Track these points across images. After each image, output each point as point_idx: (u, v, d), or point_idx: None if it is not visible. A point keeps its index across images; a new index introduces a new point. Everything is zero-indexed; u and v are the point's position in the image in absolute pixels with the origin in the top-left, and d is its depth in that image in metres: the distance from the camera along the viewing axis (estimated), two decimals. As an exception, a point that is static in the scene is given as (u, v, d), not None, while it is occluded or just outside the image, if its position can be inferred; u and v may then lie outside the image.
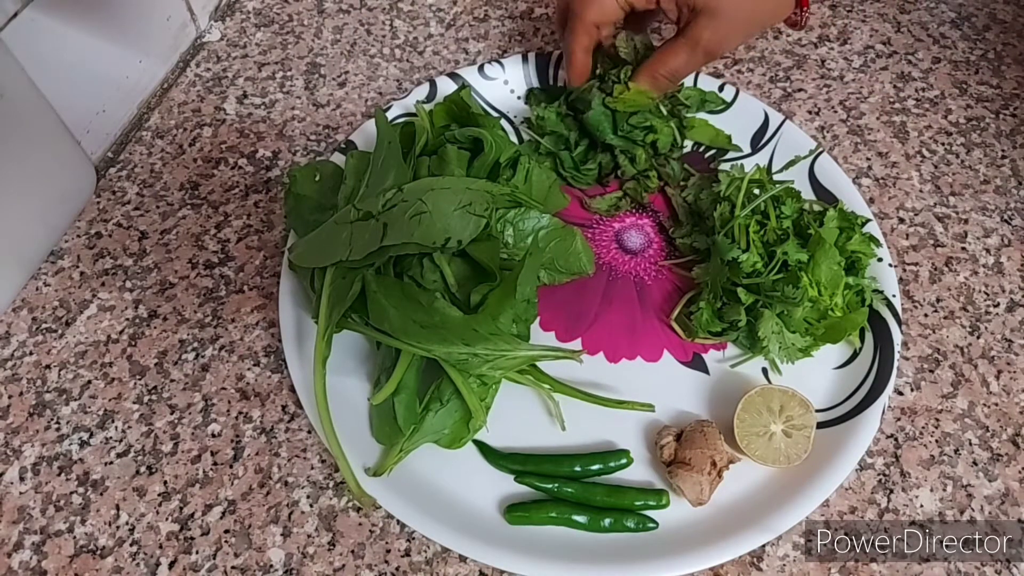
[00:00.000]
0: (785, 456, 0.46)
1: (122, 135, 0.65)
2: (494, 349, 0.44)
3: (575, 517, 0.45)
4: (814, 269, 0.49)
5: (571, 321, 0.54)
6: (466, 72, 0.65)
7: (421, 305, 0.45)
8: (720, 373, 0.52)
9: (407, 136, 0.53)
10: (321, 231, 0.49)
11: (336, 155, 0.59)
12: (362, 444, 0.48)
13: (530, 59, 0.66)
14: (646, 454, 0.49)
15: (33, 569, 0.44)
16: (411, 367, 0.47)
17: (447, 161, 0.51)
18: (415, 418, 0.46)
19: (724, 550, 0.43)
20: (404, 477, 0.46)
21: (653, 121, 0.58)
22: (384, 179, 0.49)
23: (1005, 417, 0.51)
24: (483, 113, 0.57)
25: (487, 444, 0.48)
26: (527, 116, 0.64)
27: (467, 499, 0.47)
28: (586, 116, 0.58)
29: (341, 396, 0.48)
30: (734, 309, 0.50)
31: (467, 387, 0.46)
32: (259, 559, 0.45)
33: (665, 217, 0.60)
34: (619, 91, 0.57)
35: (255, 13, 0.75)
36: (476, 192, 0.47)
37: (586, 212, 0.60)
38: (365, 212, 0.47)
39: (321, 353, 0.46)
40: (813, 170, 0.60)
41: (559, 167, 0.60)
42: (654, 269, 0.57)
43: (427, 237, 0.45)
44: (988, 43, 0.73)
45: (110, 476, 0.47)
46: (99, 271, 0.56)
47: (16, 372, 0.51)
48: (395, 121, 0.59)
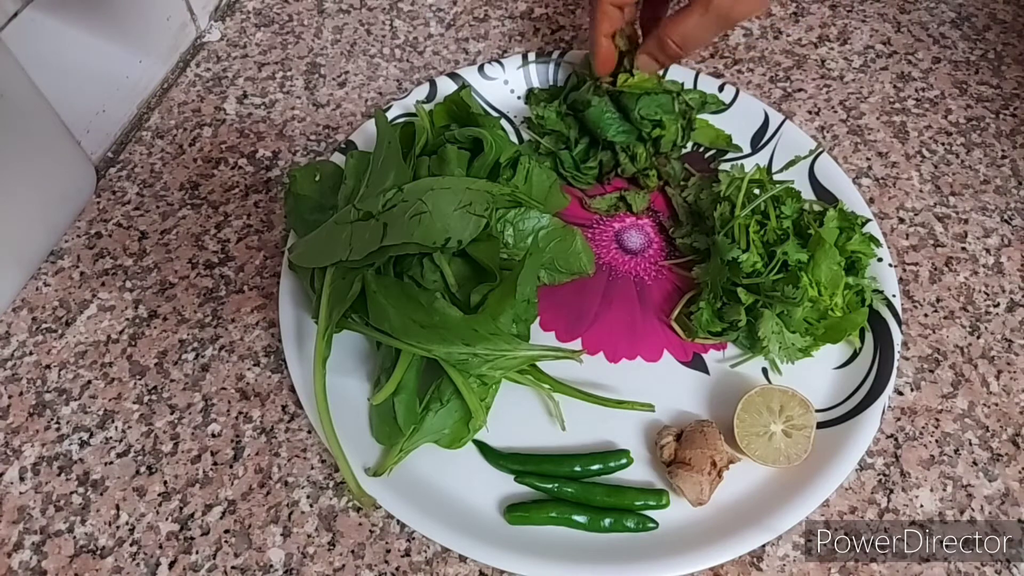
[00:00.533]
0: (785, 456, 0.46)
1: (122, 135, 0.65)
2: (494, 349, 0.44)
3: (575, 517, 0.45)
4: (814, 269, 0.49)
5: (571, 321, 0.54)
6: (466, 72, 0.65)
7: (421, 305, 0.45)
8: (720, 373, 0.52)
9: (407, 136, 0.53)
10: (321, 231, 0.49)
11: (336, 155, 0.59)
12: (362, 444, 0.48)
13: (530, 59, 0.66)
14: (646, 454, 0.49)
15: (33, 569, 0.44)
16: (411, 367, 0.47)
17: (447, 161, 0.51)
18: (415, 418, 0.46)
19: (724, 550, 0.43)
20: (404, 477, 0.46)
21: (664, 116, 0.58)
22: (384, 179, 0.49)
23: (1005, 417, 0.51)
24: (483, 113, 0.57)
25: (487, 444, 0.48)
26: (527, 116, 0.64)
27: (467, 499, 0.47)
28: (586, 113, 0.58)
29: (341, 396, 0.48)
30: (734, 309, 0.50)
31: (467, 387, 0.46)
32: (259, 559, 0.45)
33: (665, 217, 0.60)
34: (623, 78, 0.57)
35: (255, 13, 0.75)
36: (476, 192, 0.47)
37: (586, 212, 0.60)
38: (365, 212, 0.47)
39: (321, 353, 0.46)
40: (813, 170, 0.60)
41: (559, 167, 0.61)
42: (654, 269, 0.57)
43: (427, 237, 0.45)
44: (988, 43, 0.73)
45: (110, 476, 0.47)
46: (99, 271, 0.56)
47: (16, 372, 0.51)
48: (395, 121, 0.59)
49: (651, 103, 0.58)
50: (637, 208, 0.59)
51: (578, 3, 0.76)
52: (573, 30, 0.74)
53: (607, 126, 0.58)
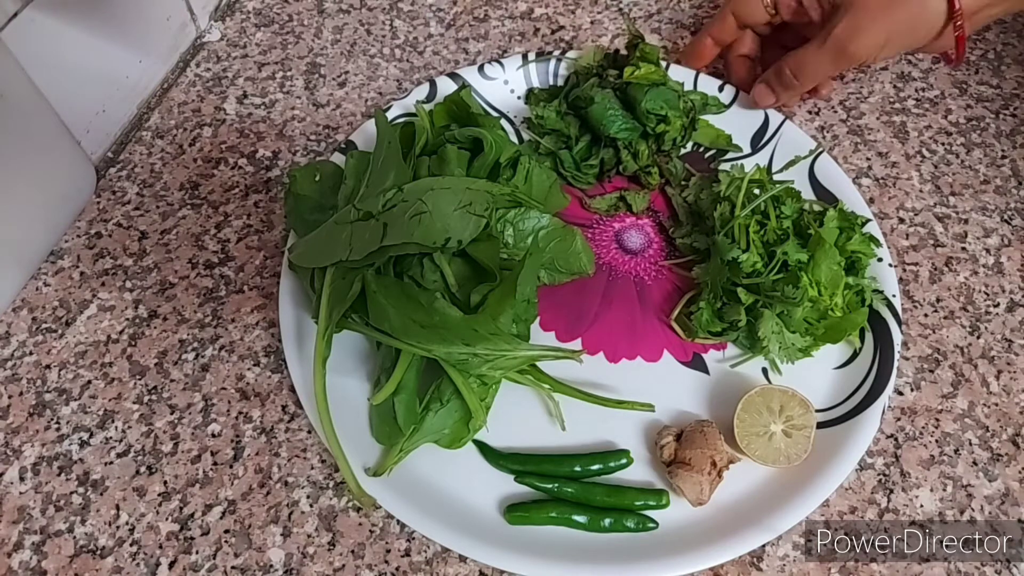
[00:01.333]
0: (785, 456, 0.46)
1: (122, 135, 0.65)
2: (494, 349, 0.44)
3: (575, 517, 0.45)
4: (814, 269, 0.49)
5: (571, 321, 0.54)
6: (466, 72, 0.65)
7: (421, 305, 0.45)
8: (720, 373, 0.52)
9: (407, 136, 0.53)
10: (321, 231, 0.49)
11: (336, 155, 0.59)
12: (362, 444, 0.48)
13: (530, 59, 0.66)
14: (646, 454, 0.49)
15: (33, 569, 0.44)
16: (411, 367, 0.47)
17: (447, 161, 0.51)
18: (415, 418, 0.46)
19: (724, 550, 0.43)
20: (404, 477, 0.46)
21: (669, 112, 0.58)
22: (384, 179, 0.49)
23: (1005, 417, 0.51)
24: (483, 113, 0.57)
25: (487, 444, 0.48)
26: (527, 116, 0.64)
27: (467, 499, 0.47)
28: (590, 110, 0.58)
29: (341, 396, 0.48)
30: (734, 309, 0.50)
31: (467, 387, 0.46)
32: (259, 559, 0.45)
33: (665, 217, 0.60)
34: (630, 70, 0.58)
35: (255, 13, 0.75)
36: (476, 192, 0.46)
37: (586, 212, 0.60)
38: (365, 212, 0.47)
39: (321, 353, 0.46)
40: (813, 170, 0.60)
41: (559, 167, 0.61)
42: (654, 269, 0.57)
43: (427, 237, 0.45)
44: (988, 43, 0.73)
45: (110, 476, 0.47)
46: (99, 271, 0.56)
47: (16, 372, 0.51)
48: (395, 121, 0.59)
49: (658, 96, 0.58)
50: (637, 208, 0.59)
51: (578, 3, 0.76)
52: (573, 30, 0.74)
53: (610, 122, 0.58)
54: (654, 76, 0.59)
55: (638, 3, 0.76)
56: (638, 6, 0.76)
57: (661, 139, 0.59)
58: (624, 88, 0.59)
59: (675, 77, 0.63)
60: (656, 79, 0.59)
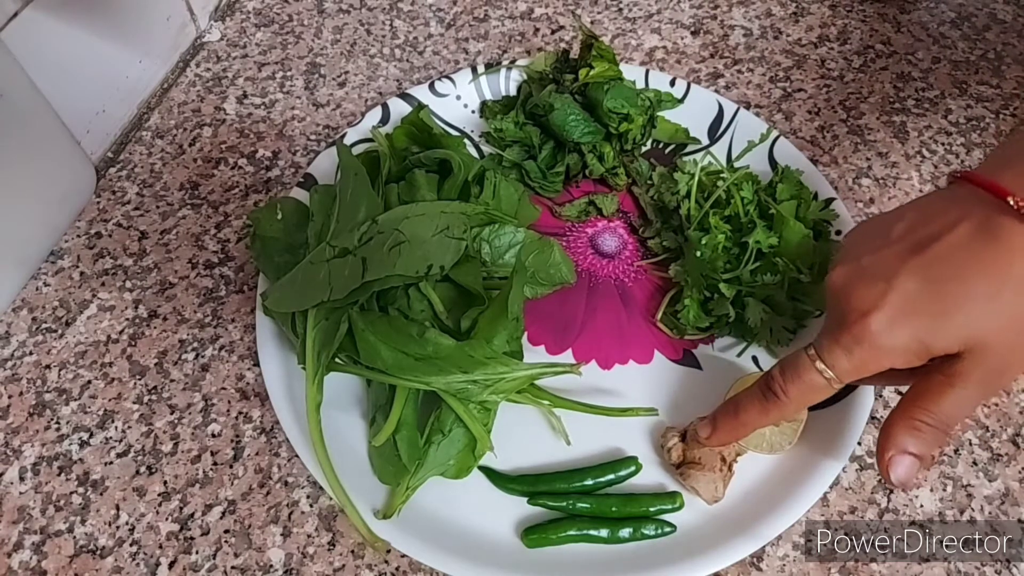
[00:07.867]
0: (768, 443, 0.46)
1: (122, 135, 0.65)
2: (492, 373, 0.43)
3: (594, 532, 0.44)
4: (785, 248, 0.50)
5: (559, 332, 0.54)
6: (416, 91, 0.64)
7: (412, 337, 0.43)
8: (713, 366, 0.52)
9: (371, 163, 0.52)
10: (296, 273, 0.47)
11: (296, 190, 0.57)
12: (364, 485, 0.46)
13: (480, 71, 0.65)
14: (653, 456, 0.48)
15: (33, 569, 0.44)
16: (408, 401, 0.45)
17: (417, 187, 0.49)
18: (419, 453, 0.45)
19: (746, 543, 0.43)
20: (414, 515, 0.45)
21: (630, 109, 0.58)
22: (355, 212, 0.47)
23: (1005, 417, 0.51)
24: (444, 133, 0.56)
25: (494, 469, 0.47)
26: (485, 131, 0.63)
27: (482, 528, 0.45)
28: (550, 117, 0.58)
29: (335, 434, 0.46)
30: (720, 303, 0.51)
31: (469, 415, 0.44)
32: (259, 559, 0.45)
33: (635, 217, 0.60)
34: (584, 72, 0.58)
35: (255, 13, 0.75)
36: (451, 215, 0.45)
37: (558, 221, 0.59)
38: (341, 249, 0.45)
39: (313, 399, 0.44)
40: (772, 153, 0.61)
41: (525, 177, 0.60)
42: (632, 271, 0.57)
43: (409, 267, 0.43)
44: (988, 43, 0.73)
45: (110, 476, 0.47)
46: (99, 271, 0.56)
47: (16, 372, 0.51)
48: (353, 147, 0.57)
49: (618, 95, 0.58)
50: (607, 211, 0.59)
51: (578, 3, 0.76)
52: (573, 30, 0.74)
53: (573, 128, 0.57)
54: (610, 73, 0.59)
55: (638, 3, 0.76)
56: (638, 6, 0.76)
57: (624, 139, 0.59)
58: (583, 90, 0.59)
59: (628, 76, 0.62)
60: (612, 75, 0.59)
